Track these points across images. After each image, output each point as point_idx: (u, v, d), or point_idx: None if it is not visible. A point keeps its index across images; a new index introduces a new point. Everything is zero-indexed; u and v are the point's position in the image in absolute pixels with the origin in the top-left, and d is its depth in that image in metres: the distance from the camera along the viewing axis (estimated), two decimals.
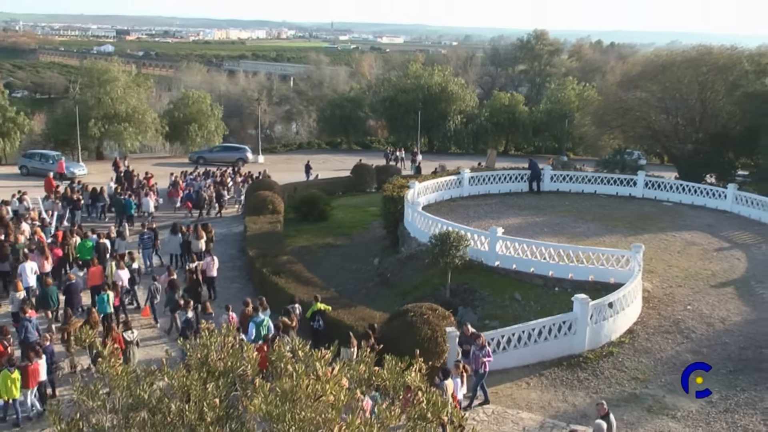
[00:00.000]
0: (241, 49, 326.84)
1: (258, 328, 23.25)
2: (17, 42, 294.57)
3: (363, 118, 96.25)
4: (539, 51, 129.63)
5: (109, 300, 25.71)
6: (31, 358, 20.23)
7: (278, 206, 42.03)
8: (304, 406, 8.96)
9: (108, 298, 25.74)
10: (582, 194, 44.69)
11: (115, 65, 76.34)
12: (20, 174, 58.31)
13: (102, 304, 25.61)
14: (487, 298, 28.24)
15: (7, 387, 19.57)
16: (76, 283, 26.88)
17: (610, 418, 18.16)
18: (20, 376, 19.77)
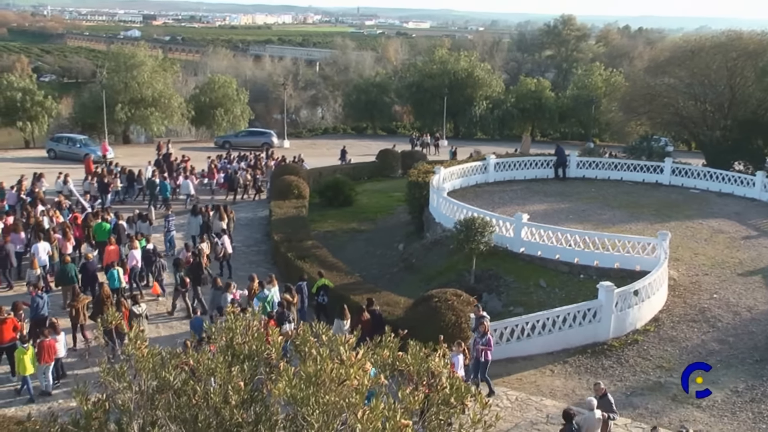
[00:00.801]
0: (267, 34, 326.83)
1: (263, 303, 23.82)
2: (45, 27, 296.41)
3: (388, 104, 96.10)
4: (566, 36, 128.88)
5: (119, 276, 26.59)
6: (47, 334, 20.65)
7: (303, 191, 42.09)
8: (328, 389, 8.99)
9: (118, 274, 26.61)
10: (608, 181, 44.43)
11: (142, 50, 76.49)
12: (48, 157, 58.78)
13: (112, 279, 26.43)
14: (512, 285, 28.20)
15: (22, 363, 20.15)
16: (92, 262, 27.57)
17: (608, 398, 18.16)
18: (36, 352, 20.26)
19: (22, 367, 20.30)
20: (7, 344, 21.52)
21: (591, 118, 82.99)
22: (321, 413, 8.78)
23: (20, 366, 20.35)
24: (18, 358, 20.34)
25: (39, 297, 23.72)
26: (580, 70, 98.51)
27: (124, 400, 10.23)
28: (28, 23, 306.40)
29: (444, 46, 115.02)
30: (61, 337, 21.26)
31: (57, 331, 21.15)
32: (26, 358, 20.23)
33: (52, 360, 20.76)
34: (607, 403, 18.01)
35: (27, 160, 56.78)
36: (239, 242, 37.29)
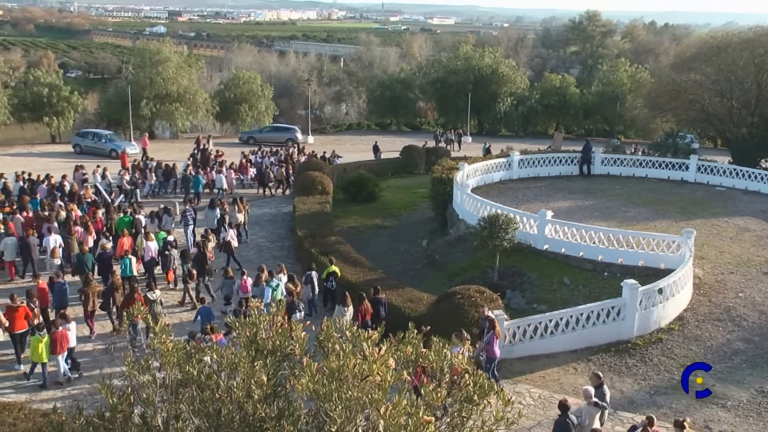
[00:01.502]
0: (292, 30, 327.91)
1: (273, 292, 24.91)
2: (72, 23, 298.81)
3: (413, 100, 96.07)
4: (591, 32, 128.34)
5: (131, 265, 27.60)
6: (58, 325, 21.15)
7: (327, 187, 42.18)
8: (350, 385, 9.01)
9: (130, 262, 27.63)
10: (633, 178, 44.21)
11: (167, 46, 76.93)
12: (74, 152, 59.25)
13: (124, 268, 27.45)
14: (536, 282, 28.11)
15: (37, 351, 20.68)
16: (107, 252, 28.45)
17: (603, 390, 18.16)
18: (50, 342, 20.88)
19: (37, 355, 20.77)
20: (19, 332, 22.20)
21: (616, 115, 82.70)
22: (343, 409, 8.81)
23: (35, 354, 20.83)
24: (33, 345, 20.84)
25: (62, 284, 24.61)
26: (605, 66, 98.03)
27: (148, 394, 10.32)
28: (55, 19, 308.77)
29: (468, 42, 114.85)
30: (72, 326, 21.80)
31: (68, 320, 21.79)
32: (41, 346, 20.69)
33: (65, 349, 21.32)
34: (602, 394, 18.06)
35: (53, 155, 57.30)
36: (263, 237, 37.54)
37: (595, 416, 17.60)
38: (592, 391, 17.80)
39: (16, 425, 16.15)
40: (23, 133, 74.92)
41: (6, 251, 29.23)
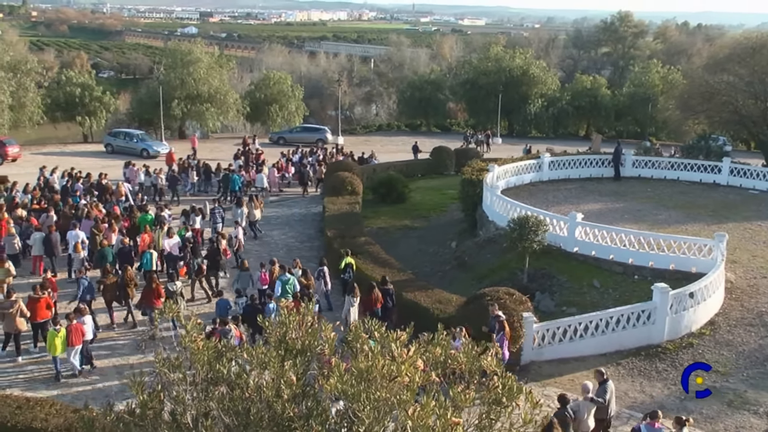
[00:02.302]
0: (323, 31, 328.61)
1: (284, 286, 25.27)
2: (104, 24, 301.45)
3: (443, 101, 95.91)
4: (623, 33, 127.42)
5: (152, 259, 28.47)
6: (72, 319, 21.72)
7: (357, 187, 42.25)
8: (379, 386, 9.03)
9: (151, 257, 28.52)
10: (664, 180, 43.91)
11: (199, 47, 77.39)
12: (105, 152, 59.81)
13: (146, 262, 28.46)
14: (565, 284, 27.99)
15: (53, 344, 21.31)
16: (127, 247, 29.65)
17: (605, 387, 18.27)
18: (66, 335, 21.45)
19: (54, 348, 21.38)
20: (41, 322, 22.93)
21: (647, 117, 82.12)
22: (372, 409, 8.83)
23: (51, 347, 21.46)
24: (50, 339, 21.47)
25: (84, 279, 25.24)
26: (637, 67, 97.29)
27: (178, 391, 10.40)
28: (87, 20, 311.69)
29: (499, 43, 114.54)
30: (88, 320, 22.45)
31: (84, 313, 22.47)
32: (57, 340, 21.30)
33: (80, 342, 21.81)
34: (603, 391, 18.22)
35: (85, 154, 57.86)
36: (293, 238, 37.73)
37: (591, 411, 17.70)
38: (590, 386, 18.01)
39: (48, 421, 16.36)
40: (56, 132, 75.77)
41: (34, 246, 30.10)
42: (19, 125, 64.35)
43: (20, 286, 26.37)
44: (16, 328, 22.72)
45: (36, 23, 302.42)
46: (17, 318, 22.61)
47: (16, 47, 75.91)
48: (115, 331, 25.59)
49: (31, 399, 17.57)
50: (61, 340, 21.35)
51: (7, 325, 22.73)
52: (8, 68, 61.63)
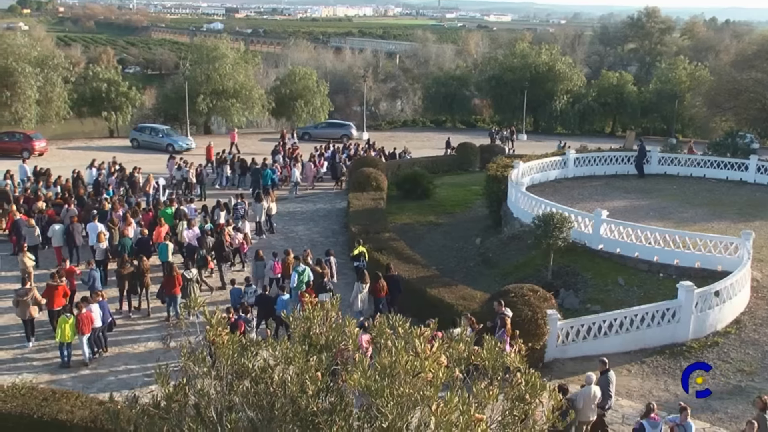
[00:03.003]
0: (348, 26, 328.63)
1: (299, 276, 25.91)
2: (131, 20, 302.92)
3: (468, 97, 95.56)
4: (650, 29, 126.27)
5: (167, 250, 29.38)
6: (82, 307, 22.54)
7: (382, 183, 42.24)
8: (402, 382, 9.06)
9: (167, 248, 29.49)
10: (690, 178, 43.60)
11: (224, 42, 77.67)
12: (131, 146, 60.22)
13: (162, 252, 29.55)
14: (590, 282, 27.91)
15: (63, 331, 22.16)
16: (145, 238, 30.46)
17: (607, 376, 18.65)
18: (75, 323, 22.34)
19: (63, 335, 22.19)
20: (57, 309, 23.58)
21: (674, 113, 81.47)
22: (395, 405, 8.86)
23: (62, 334, 22.22)
24: (60, 326, 22.26)
25: (94, 271, 26.35)
26: (663, 63, 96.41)
27: (203, 385, 10.48)
28: (114, 16, 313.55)
29: (525, 39, 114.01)
30: (95, 308, 22.95)
31: (91, 303, 23.05)
32: (67, 327, 22.15)
33: (89, 330, 22.58)
34: (606, 380, 18.49)
35: (111, 149, 58.17)
36: (317, 233, 37.81)
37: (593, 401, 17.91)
38: (593, 377, 18.18)
39: (74, 413, 16.52)
40: (82, 127, 76.31)
41: (54, 237, 30.91)
42: (46, 120, 64.91)
43: (41, 276, 27.07)
44: (29, 314, 23.54)
45: (63, 19, 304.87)
46: (30, 305, 23.44)
47: (44, 43, 76.66)
48: (130, 319, 26.51)
49: (57, 391, 17.75)
50: (71, 327, 22.18)
51: (20, 311, 23.57)
52: (36, 64, 62.12)
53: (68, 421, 16.33)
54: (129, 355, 23.87)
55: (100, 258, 29.00)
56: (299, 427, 9.62)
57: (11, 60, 59.10)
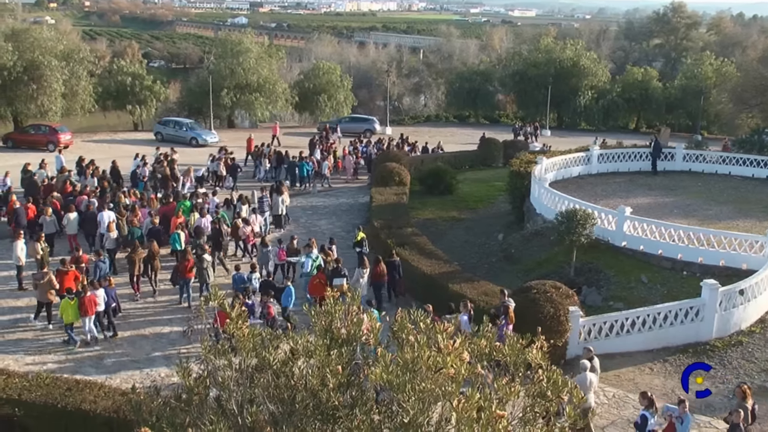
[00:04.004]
0: (372, 21, 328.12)
1: (312, 263, 27.32)
2: (156, 14, 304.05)
3: (492, 92, 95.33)
4: (676, 24, 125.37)
5: (180, 239, 30.22)
6: (87, 290, 23.61)
7: (405, 178, 42.19)
8: (424, 377, 9.06)
9: (179, 236, 30.36)
10: (715, 175, 43.25)
11: (248, 37, 77.78)
12: (155, 140, 60.50)
13: (174, 241, 30.41)
14: (613, 279, 27.79)
15: (66, 312, 23.12)
16: (156, 227, 31.27)
17: (594, 362, 19.17)
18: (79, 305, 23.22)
19: (67, 316, 23.19)
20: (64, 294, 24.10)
21: (699, 110, 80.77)
22: (417, 400, 8.86)
23: (65, 315, 23.24)
24: (63, 307, 23.22)
25: (102, 262, 27.23)
26: (689, 59, 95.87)
27: (224, 378, 10.53)
28: (139, 11, 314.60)
29: (550, 34, 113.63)
30: (100, 293, 23.88)
31: (96, 287, 24.07)
32: (69, 308, 23.09)
33: (93, 313, 23.53)
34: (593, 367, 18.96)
35: (135, 142, 58.49)
36: (339, 228, 37.84)
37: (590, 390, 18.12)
38: (588, 364, 18.62)
39: (97, 403, 16.69)
40: (106, 120, 76.87)
41: (68, 226, 31.77)
42: (71, 113, 65.34)
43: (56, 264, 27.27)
44: (47, 298, 24.50)
45: (89, 13, 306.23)
46: (48, 289, 24.33)
47: (70, 37, 77.10)
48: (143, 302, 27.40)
49: (81, 381, 17.94)
50: (73, 308, 23.09)
51: (39, 294, 24.61)
52: (62, 57, 62.48)
53: (91, 411, 16.51)
54: (149, 340, 24.43)
55: (110, 247, 29.80)
56: (320, 420, 9.65)
57: (38, 53, 59.50)
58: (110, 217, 31.00)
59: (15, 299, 26.92)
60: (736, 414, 16.63)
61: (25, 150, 52.07)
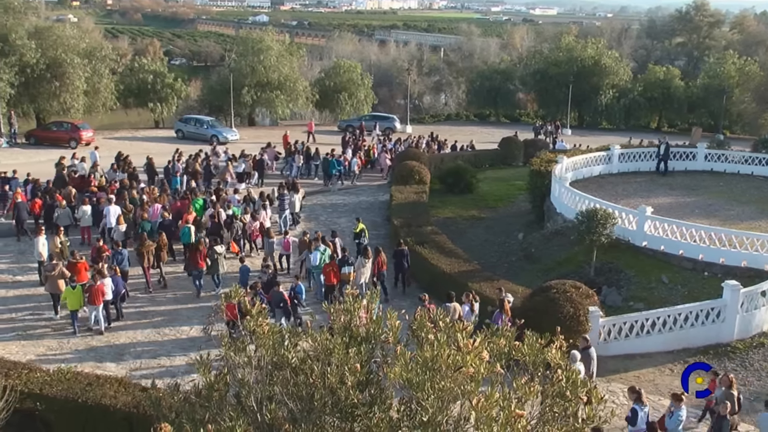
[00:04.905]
0: (393, 19, 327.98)
1: (321, 255, 28.09)
2: (177, 12, 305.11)
3: (512, 91, 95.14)
4: (698, 23, 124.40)
5: (190, 232, 30.70)
6: (96, 279, 24.26)
7: (425, 177, 42.17)
8: (443, 375, 9.05)
9: (189, 230, 30.87)
10: (737, 175, 42.94)
11: (269, 35, 77.86)
12: (176, 137, 60.76)
13: (185, 235, 30.88)
14: (633, 279, 27.68)
15: (70, 300, 24.05)
16: (168, 220, 32.21)
17: (589, 352, 19.43)
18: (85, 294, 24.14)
19: (70, 302, 24.06)
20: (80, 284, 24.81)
21: (722, 109, 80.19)
22: (436, 399, 8.86)
23: (68, 302, 24.13)
24: (66, 294, 24.14)
25: (119, 253, 27.89)
26: (712, 58, 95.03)
27: (243, 375, 10.57)
28: (161, 9, 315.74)
29: (571, 33, 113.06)
30: (107, 282, 24.59)
31: (103, 276, 24.67)
32: (72, 296, 24.03)
33: (100, 302, 24.20)
34: (587, 356, 19.17)
35: (156, 140, 58.86)
36: None
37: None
38: (578, 355, 18.78)
39: (117, 398, 16.80)
40: (128, 118, 77.34)
41: (82, 218, 32.84)
42: (93, 110, 65.73)
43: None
44: (58, 288, 24.88)
45: (111, 11, 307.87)
46: (58, 280, 24.78)
47: (92, 35, 77.44)
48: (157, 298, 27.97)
49: (101, 376, 18.07)
50: (77, 297, 24.01)
51: (49, 286, 25.14)
52: (84, 55, 62.84)
53: (111, 406, 16.63)
54: (169, 337, 24.73)
55: (119, 239, 30.46)
56: (338, 418, 9.66)
57: (60, 51, 59.87)
58: (117, 212, 31.85)
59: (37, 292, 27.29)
60: (722, 406, 16.87)
61: (48, 147, 52.52)
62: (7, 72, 56.07)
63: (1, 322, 25.01)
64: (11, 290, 27.81)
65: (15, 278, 28.98)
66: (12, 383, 16.30)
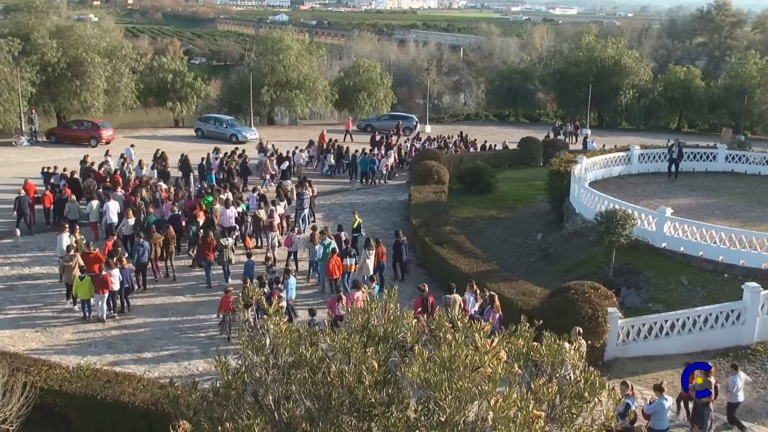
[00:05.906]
0: (412, 19, 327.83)
1: (325, 249, 28.72)
2: (197, 11, 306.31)
3: (532, 91, 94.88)
4: (720, 22, 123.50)
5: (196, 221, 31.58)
6: (103, 270, 25.06)
7: (443, 176, 42.12)
8: (461, 375, 9.04)
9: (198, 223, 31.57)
10: (758, 176, 42.60)
11: (289, 34, 77.98)
12: (196, 136, 61.02)
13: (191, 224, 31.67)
14: (652, 281, 27.54)
15: (80, 289, 24.98)
16: (177, 214, 32.41)
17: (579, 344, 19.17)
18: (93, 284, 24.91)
19: (81, 292, 25.00)
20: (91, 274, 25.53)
21: (743, 110, 79.61)
22: (453, 399, 8.85)
23: (79, 292, 25.08)
24: (76, 285, 25.03)
25: (140, 245, 28.30)
26: (733, 58, 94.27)
27: (261, 373, 10.60)
28: (181, 8, 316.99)
29: (591, 32, 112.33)
30: (115, 272, 25.33)
31: (111, 267, 25.47)
32: (81, 286, 24.91)
33: (106, 292, 25.11)
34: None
35: (176, 139, 59.11)
36: (378, 225, 37.83)
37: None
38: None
39: (135, 395, 16.95)
40: (148, 116, 77.81)
41: (91, 214, 33.45)
42: (113, 109, 66.14)
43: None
44: (72, 278, 25.56)
45: (131, 11, 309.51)
46: (75, 270, 25.57)
47: (112, 34, 77.98)
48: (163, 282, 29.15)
49: (120, 374, 18.22)
50: (86, 287, 24.82)
51: (66, 276, 26.01)
52: (104, 54, 63.23)
53: (130, 403, 16.78)
54: (187, 334, 24.86)
55: (127, 233, 31.07)
56: (356, 417, 9.67)
57: (81, 50, 60.26)
58: (116, 207, 32.50)
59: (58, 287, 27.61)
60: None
61: (68, 145, 53.01)
62: (29, 71, 56.48)
63: (22, 318, 25.24)
64: (31, 285, 28.18)
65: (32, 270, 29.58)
66: (32, 380, 16.48)
